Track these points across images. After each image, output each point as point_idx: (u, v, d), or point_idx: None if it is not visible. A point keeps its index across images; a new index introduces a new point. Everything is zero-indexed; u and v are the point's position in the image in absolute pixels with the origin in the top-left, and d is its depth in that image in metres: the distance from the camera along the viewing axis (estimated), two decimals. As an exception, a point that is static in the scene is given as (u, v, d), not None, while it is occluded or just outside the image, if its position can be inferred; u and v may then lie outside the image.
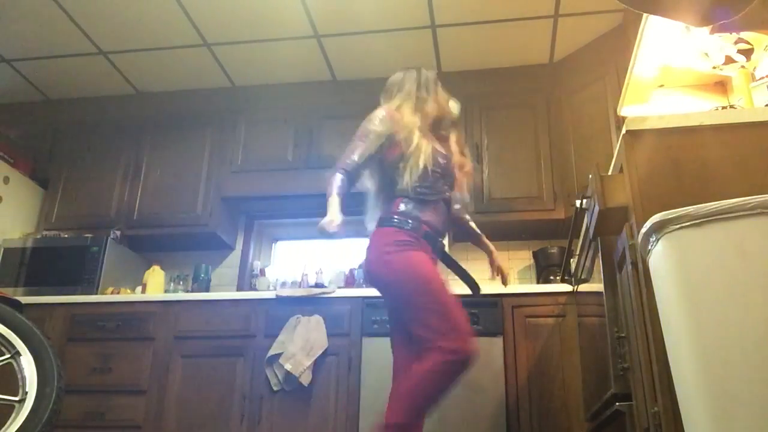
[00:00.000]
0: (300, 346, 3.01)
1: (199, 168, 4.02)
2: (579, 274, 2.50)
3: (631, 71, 2.33)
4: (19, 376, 1.97)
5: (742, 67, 2.12)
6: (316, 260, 4.03)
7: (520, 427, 2.82)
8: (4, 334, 2.00)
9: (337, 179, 2.27)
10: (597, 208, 1.65)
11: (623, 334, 1.68)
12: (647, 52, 2.21)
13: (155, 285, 3.73)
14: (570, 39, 3.72)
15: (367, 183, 2.43)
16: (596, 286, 2.13)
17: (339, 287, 3.58)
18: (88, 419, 3.14)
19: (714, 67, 2.19)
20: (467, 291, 3.07)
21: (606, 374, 1.90)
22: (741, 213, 1.06)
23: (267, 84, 4.20)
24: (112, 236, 3.80)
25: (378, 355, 3.02)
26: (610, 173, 1.73)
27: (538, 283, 3.65)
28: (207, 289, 3.89)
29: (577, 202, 2.09)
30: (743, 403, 1.00)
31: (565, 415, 2.83)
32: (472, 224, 2.65)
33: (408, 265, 2.17)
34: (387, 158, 2.33)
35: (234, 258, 4.15)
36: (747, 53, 2.07)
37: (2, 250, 3.79)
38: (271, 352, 3.04)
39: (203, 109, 4.20)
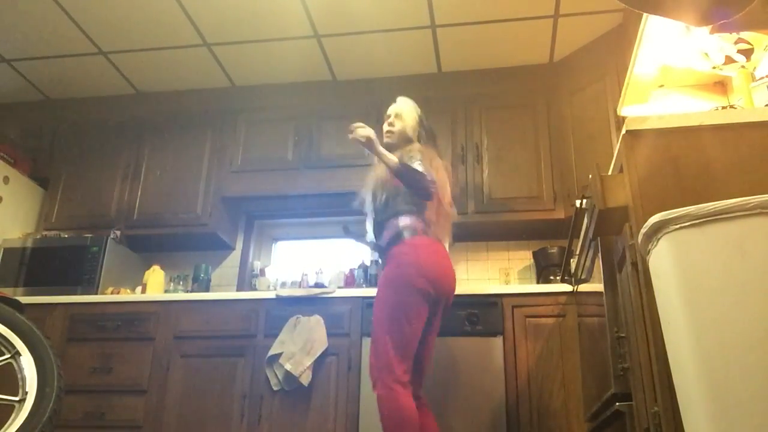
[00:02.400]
0: (300, 346, 3.01)
1: (199, 168, 4.02)
2: (579, 274, 2.50)
3: (631, 71, 2.33)
4: (19, 376, 1.96)
5: (742, 67, 2.12)
6: (316, 260, 4.04)
7: (520, 427, 2.82)
8: (4, 334, 2.00)
9: None
10: (597, 208, 1.65)
11: (623, 334, 1.68)
12: (647, 52, 2.21)
13: (155, 285, 3.73)
14: (570, 39, 3.72)
15: None
16: (596, 286, 2.13)
17: (339, 287, 3.58)
18: (88, 419, 3.14)
19: (714, 67, 2.19)
20: (468, 291, 3.09)
21: (606, 374, 1.90)
22: (741, 213, 1.06)
23: (267, 84, 4.20)
24: (112, 236, 3.80)
25: (378, 355, 3.02)
26: (610, 173, 1.73)
27: (538, 283, 3.65)
28: (207, 289, 3.89)
29: (577, 202, 2.10)
30: (743, 403, 1.00)
31: (565, 415, 2.83)
32: None
33: None
34: None
35: (234, 258, 4.15)
36: (747, 53, 2.07)
37: (2, 250, 3.79)
38: (271, 351, 3.04)
39: (203, 109, 4.20)
